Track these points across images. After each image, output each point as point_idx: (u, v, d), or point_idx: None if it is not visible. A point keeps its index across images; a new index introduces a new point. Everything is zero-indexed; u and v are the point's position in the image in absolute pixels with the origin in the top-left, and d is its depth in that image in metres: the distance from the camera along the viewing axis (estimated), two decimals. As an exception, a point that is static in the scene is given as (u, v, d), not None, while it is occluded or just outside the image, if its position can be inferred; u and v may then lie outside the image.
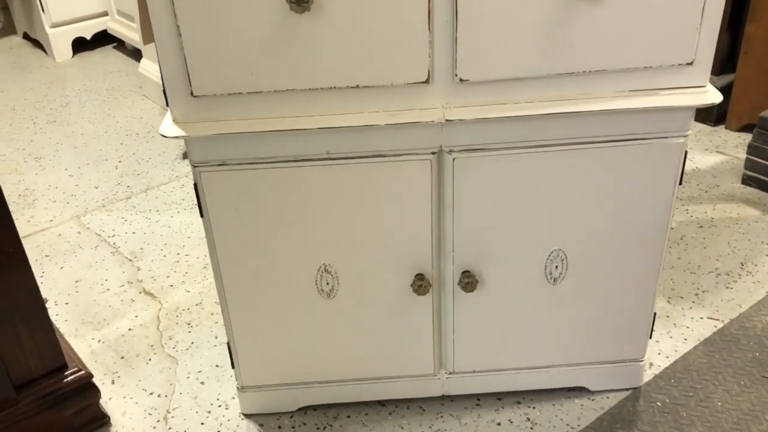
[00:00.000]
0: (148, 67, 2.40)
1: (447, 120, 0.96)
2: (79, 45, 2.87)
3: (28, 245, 1.70)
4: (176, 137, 0.95)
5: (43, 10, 2.71)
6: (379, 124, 0.96)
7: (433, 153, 1.00)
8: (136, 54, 2.77)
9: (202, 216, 1.05)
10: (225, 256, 1.08)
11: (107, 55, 2.87)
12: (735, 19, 2.04)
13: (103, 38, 2.90)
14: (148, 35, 1.84)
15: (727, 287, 1.49)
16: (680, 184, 1.06)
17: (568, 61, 0.94)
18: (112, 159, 2.11)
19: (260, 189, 1.02)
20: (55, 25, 2.76)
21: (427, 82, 0.95)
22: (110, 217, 1.83)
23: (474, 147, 1.00)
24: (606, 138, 1.00)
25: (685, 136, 1.01)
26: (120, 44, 2.92)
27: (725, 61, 2.10)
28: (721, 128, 2.11)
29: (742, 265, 1.55)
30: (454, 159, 1.01)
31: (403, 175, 1.02)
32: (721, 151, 2.00)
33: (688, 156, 1.48)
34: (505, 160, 1.01)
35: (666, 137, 1.01)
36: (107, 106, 2.43)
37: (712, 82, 2.06)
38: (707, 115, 2.11)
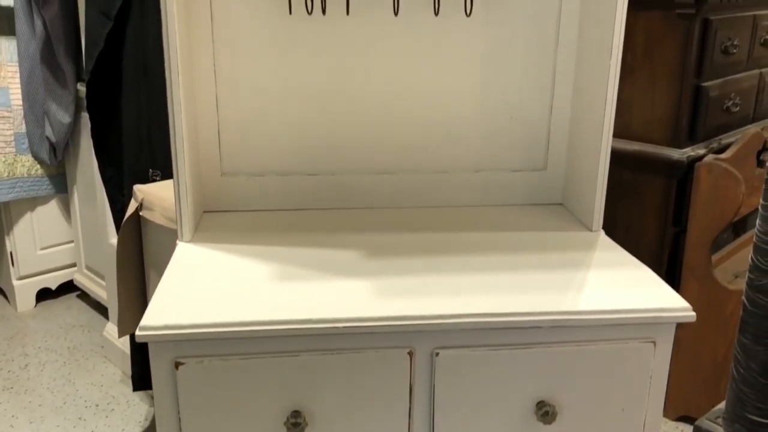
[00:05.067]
0: (113, 331, 2.46)
1: None
2: (43, 293, 2.92)
3: None
4: None
5: (12, 263, 2.79)
6: None
7: None
8: (99, 306, 2.83)
9: None
10: None
11: (70, 305, 2.93)
12: (664, 317, 2.26)
13: (67, 285, 2.96)
14: (123, 329, 1.94)
15: None
16: None
17: (531, 465, 1.05)
18: (70, 438, 2.09)
19: None
20: (22, 278, 2.83)
21: (405, 480, 1.04)
22: None
23: None
24: None
25: None
26: (83, 293, 2.98)
27: (659, 354, 2.29)
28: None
29: None
30: None
31: None
32: (662, 444, 2.12)
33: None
34: None
35: None
36: (67, 370, 2.44)
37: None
38: (646, 402, 2.26)
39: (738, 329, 1.21)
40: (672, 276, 2.20)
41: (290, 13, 1.24)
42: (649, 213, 2.16)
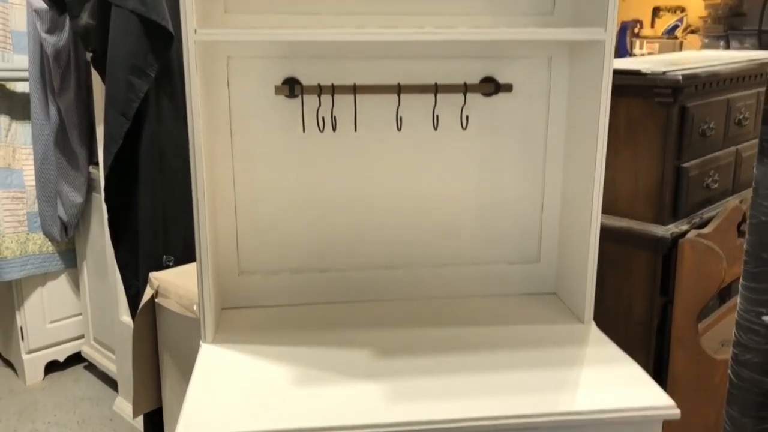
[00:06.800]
0: (122, 405, 2.53)
1: None
2: (51, 365, 2.99)
3: None
4: None
5: (22, 338, 2.86)
6: None
7: None
8: (106, 378, 2.90)
9: None
10: None
11: (78, 377, 2.99)
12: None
13: (75, 356, 3.03)
14: (138, 409, 2.01)
15: None
16: None
17: None
18: None
19: None
20: (31, 351, 2.90)
21: None
22: None
23: None
24: None
25: None
26: (90, 364, 3.04)
27: None
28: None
29: None
30: None
31: None
32: None
33: None
34: None
35: None
36: (78, 445, 2.50)
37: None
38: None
39: (725, 401, 1.30)
40: (661, 344, 2.30)
41: (303, 131, 1.37)
42: (637, 284, 2.27)
